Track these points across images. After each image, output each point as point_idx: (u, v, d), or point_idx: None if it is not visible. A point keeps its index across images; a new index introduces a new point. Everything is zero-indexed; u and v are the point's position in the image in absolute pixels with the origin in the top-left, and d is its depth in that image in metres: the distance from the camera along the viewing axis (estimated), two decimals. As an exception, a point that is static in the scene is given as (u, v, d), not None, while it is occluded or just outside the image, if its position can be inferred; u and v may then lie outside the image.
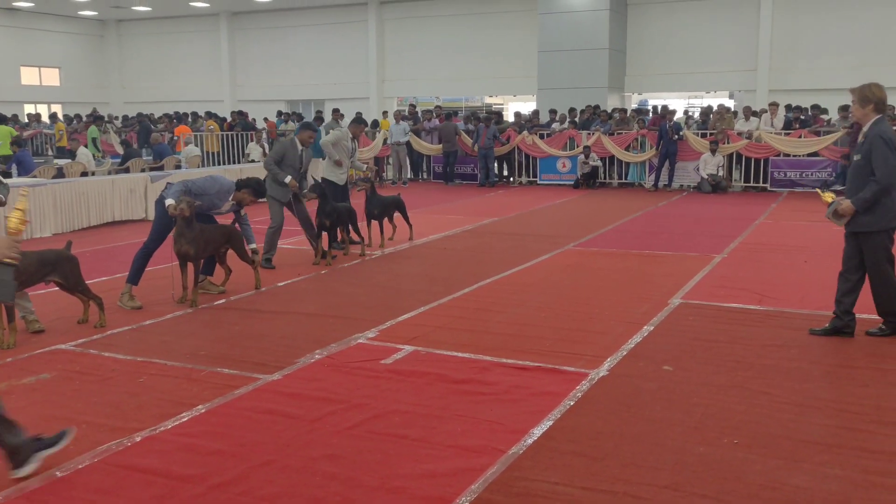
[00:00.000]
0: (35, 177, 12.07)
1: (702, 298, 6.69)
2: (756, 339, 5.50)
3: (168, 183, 6.96)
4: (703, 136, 16.08)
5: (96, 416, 4.19)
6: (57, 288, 5.94)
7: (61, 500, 3.29)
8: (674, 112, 16.75)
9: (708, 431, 3.93)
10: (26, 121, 23.45)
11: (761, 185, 15.61)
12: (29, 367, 5.03)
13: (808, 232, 10.22)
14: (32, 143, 18.96)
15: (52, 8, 28.12)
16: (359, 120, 9.81)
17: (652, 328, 5.80)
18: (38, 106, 28.84)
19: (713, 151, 15.29)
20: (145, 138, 17.56)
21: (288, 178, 8.15)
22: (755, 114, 16.41)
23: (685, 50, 22.07)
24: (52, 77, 30.30)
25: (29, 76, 29.50)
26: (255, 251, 7.17)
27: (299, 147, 8.38)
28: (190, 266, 6.57)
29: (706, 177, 15.37)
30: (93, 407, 4.34)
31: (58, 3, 26.84)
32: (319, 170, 10.11)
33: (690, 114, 21.24)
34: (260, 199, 7.30)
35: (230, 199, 6.91)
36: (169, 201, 6.39)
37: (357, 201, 9.38)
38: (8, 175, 12.31)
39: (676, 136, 15.80)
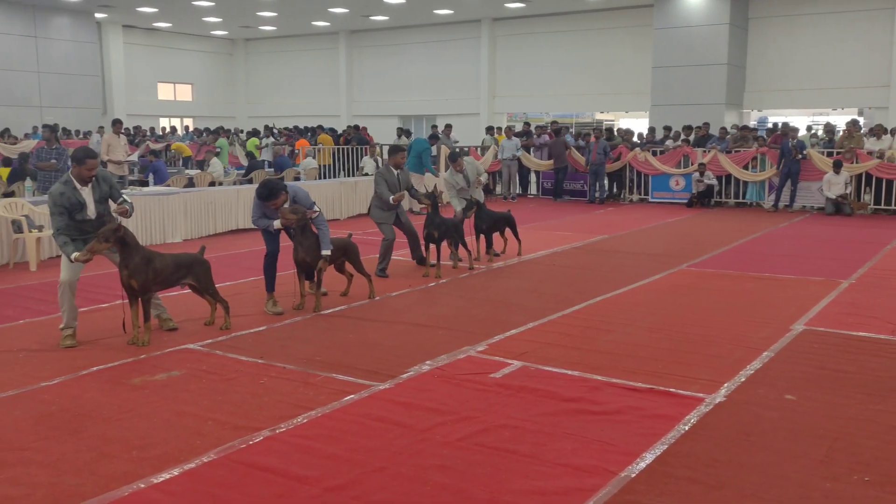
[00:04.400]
0: (169, 185, 12.88)
1: (827, 325, 6.36)
2: (888, 370, 5.17)
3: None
4: (830, 154, 15.30)
5: (221, 414, 4.41)
6: (189, 290, 6.32)
7: (188, 492, 3.48)
8: (796, 130, 16.02)
9: (835, 466, 3.73)
10: (160, 133, 25.02)
11: (894, 207, 14.67)
12: (161, 364, 5.36)
13: (948, 259, 9.52)
14: (166, 155, 20.22)
15: (187, 28, 30.01)
16: (453, 156, 10.04)
17: (772, 354, 5.56)
18: (171, 120, 30.79)
19: (837, 171, 14.52)
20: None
21: (390, 197, 8.58)
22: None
23: (810, 65, 21.10)
24: (185, 93, 32.28)
25: (165, 92, 31.55)
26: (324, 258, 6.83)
27: (395, 171, 8.73)
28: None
29: (833, 198, 14.60)
30: (218, 405, 4.57)
31: (193, 23, 28.60)
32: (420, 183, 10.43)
33: (815, 131, 20.26)
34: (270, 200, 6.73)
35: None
36: (277, 223, 6.72)
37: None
38: (145, 184, 13.21)
39: (800, 155, 15.10)
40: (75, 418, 4.35)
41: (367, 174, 16.67)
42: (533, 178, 18.95)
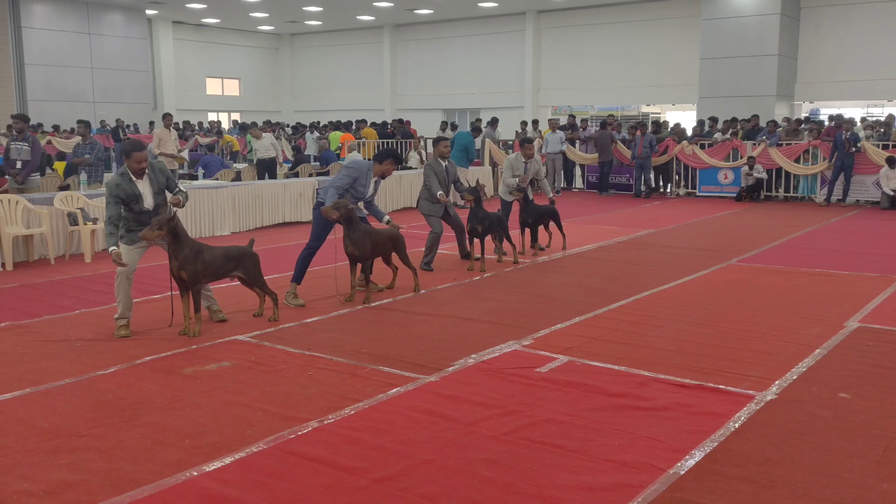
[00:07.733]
0: (217, 179, 13.11)
1: (883, 323, 6.19)
2: (948, 370, 5.02)
3: (317, 190, 7.34)
4: (885, 147, 14.86)
5: (270, 405, 4.49)
6: (238, 282, 6.43)
7: (239, 481, 3.54)
8: (850, 122, 15.60)
9: (893, 467, 3.63)
10: (208, 127, 25.45)
11: (953, 201, 14.21)
12: (211, 354, 5.47)
13: None
14: (219, 149, 20.59)
15: (235, 23, 30.46)
16: (528, 139, 9.95)
17: (825, 352, 5.43)
18: (219, 114, 31.32)
19: (892, 166, 14.09)
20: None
21: (439, 193, 8.57)
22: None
23: (864, 55, 20.50)
24: (232, 87, 32.80)
25: (213, 87, 32.10)
26: (388, 222, 7.24)
27: (442, 163, 8.71)
28: (360, 266, 6.94)
29: (891, 193, 14.19)
30: (267, 395, 4.65)
31: (240, 18, 29.02)
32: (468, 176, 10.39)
33: (871, 121, 19.70)
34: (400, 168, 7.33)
35: (373, 177, 7.16)
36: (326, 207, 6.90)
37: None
38: (195, 177, 13.46)
39: (854, 149, 14.70)
40: (130, 406, 4.47)
41: (411, 168, 16.73)
42: (578, 171, 18.81)
